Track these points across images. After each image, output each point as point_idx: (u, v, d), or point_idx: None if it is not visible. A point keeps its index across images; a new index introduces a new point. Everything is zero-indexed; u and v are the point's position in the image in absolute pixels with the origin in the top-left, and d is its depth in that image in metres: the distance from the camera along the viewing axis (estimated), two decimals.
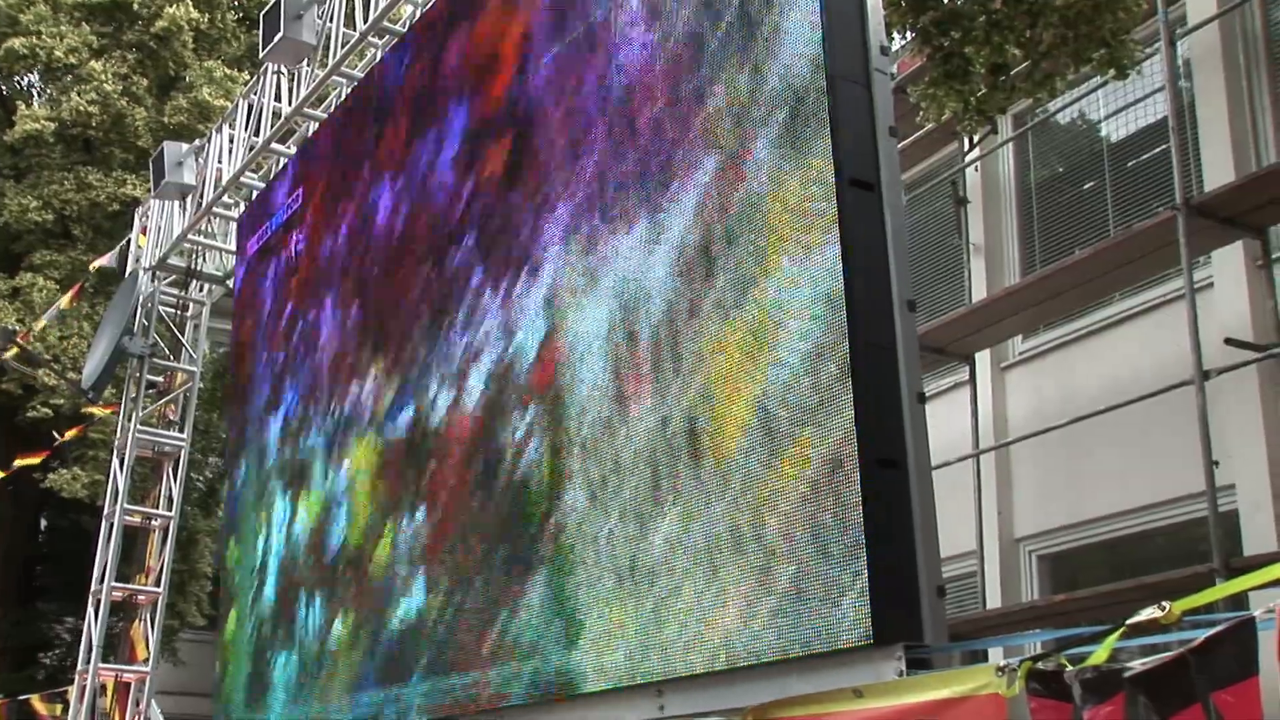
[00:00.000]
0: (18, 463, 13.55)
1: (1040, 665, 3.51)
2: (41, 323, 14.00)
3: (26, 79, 18.13)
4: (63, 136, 15.90)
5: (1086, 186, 10.08)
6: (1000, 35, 6.89)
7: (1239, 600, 4.15)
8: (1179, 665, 3.07)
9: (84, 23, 16.19)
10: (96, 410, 13.12)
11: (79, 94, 15.65)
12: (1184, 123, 8.37)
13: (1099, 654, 3.32)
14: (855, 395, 4.56)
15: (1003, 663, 3.63)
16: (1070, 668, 3.38)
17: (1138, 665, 3.20)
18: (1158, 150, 9.07)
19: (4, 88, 18.38)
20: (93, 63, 15.85)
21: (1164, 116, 8.56)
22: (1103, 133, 10.04)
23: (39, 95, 17.78)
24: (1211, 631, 3.06)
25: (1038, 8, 6.83)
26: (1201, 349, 7.52)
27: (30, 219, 15.56)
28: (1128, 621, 3.29)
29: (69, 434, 13.44)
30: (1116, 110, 9.65)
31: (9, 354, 13.75)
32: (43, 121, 15.66)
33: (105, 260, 13.46)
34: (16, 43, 15.69)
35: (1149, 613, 3.24)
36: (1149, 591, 7.03)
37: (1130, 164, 9.58)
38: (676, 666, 5.17)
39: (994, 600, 9.51)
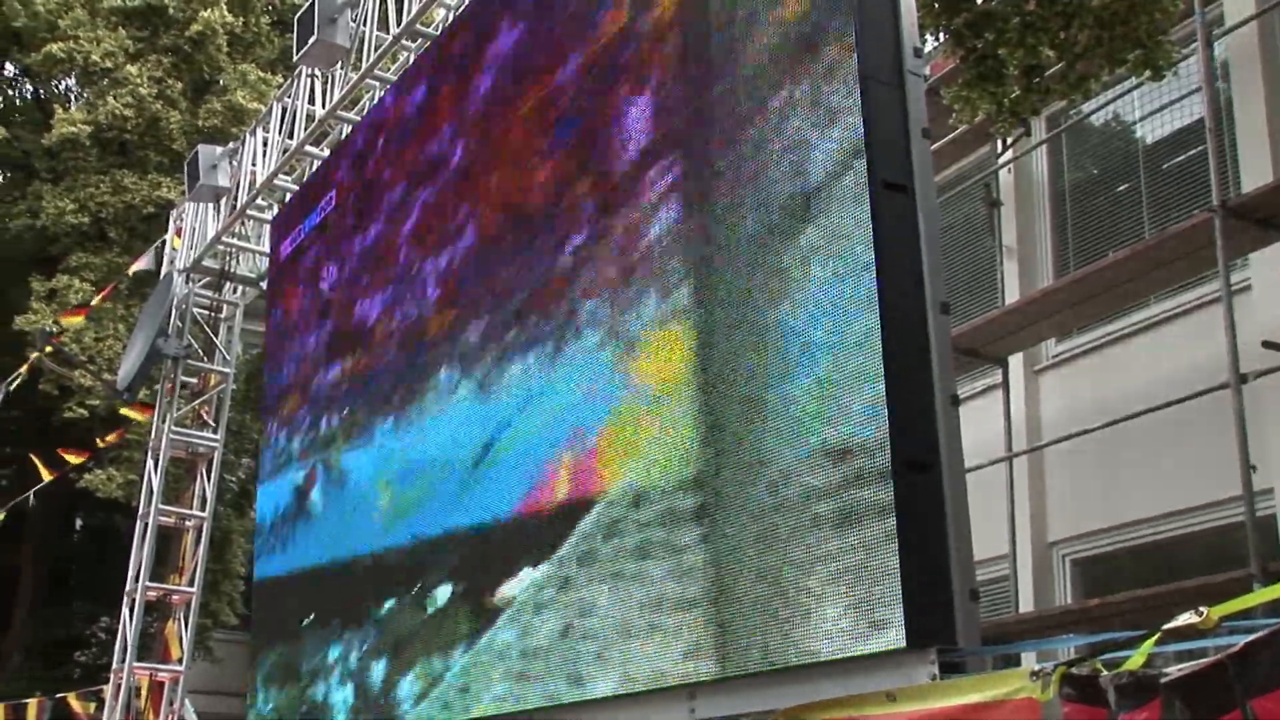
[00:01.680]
0: (70, 457, 13.66)
1: (1075, 670, 3.48)
2: (75, 320, 14.10)
3: (64, 83, 18.31)
4: (99, 140, 16.05)
5: (1121, 188, 10.01)
6: (1034, 37, 6.85)
7: (1278, 606, 4.11)
8: (1217, 671, 3.05)
9: (120, 27, 16.35)
10: (134, 414, 13.21)
11: (115, 97, 15.80)
12: (1221, 124, 8.30)
13: (1135, 659, 3.30)
14: (888, 398, 4.54)
15: (1037, 667, 3.61)
16: (1105, 672, 3.36)
17: (1174, 671, 3.18)
18: (1194, 152, 8.99)
19: (42, 91, 18.58)
20: (129, 66, 16.00)
21: (1200, 118, 8.49)
22: (1138, 134, 9.96)
23: (76, 99, 17.95)
24: (1251, 637, 3.03)
25: (1072, 9, 6.78)
26: (1239, 352, 7.45)
27: (67, 221, 15.71)
28: (1164, 626, 3.27)
29: (109, 438, 13.54)
30: (1152, 111, 9.58)
31: (46, 354, 13.88)
32: (79, 125, 15.81)
33: (141, 264, 13.57)
34: (55, 47, 15.87)
35: (1186, 618, 3.22)
36: (1185, 596, 6.97)
37: (1166, 166, 9.51)
38: (708, 669, 5.17)
39: (1027, 604, 9.45)
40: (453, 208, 7.82)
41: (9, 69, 18.70)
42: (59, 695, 13.45)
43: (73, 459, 13.75)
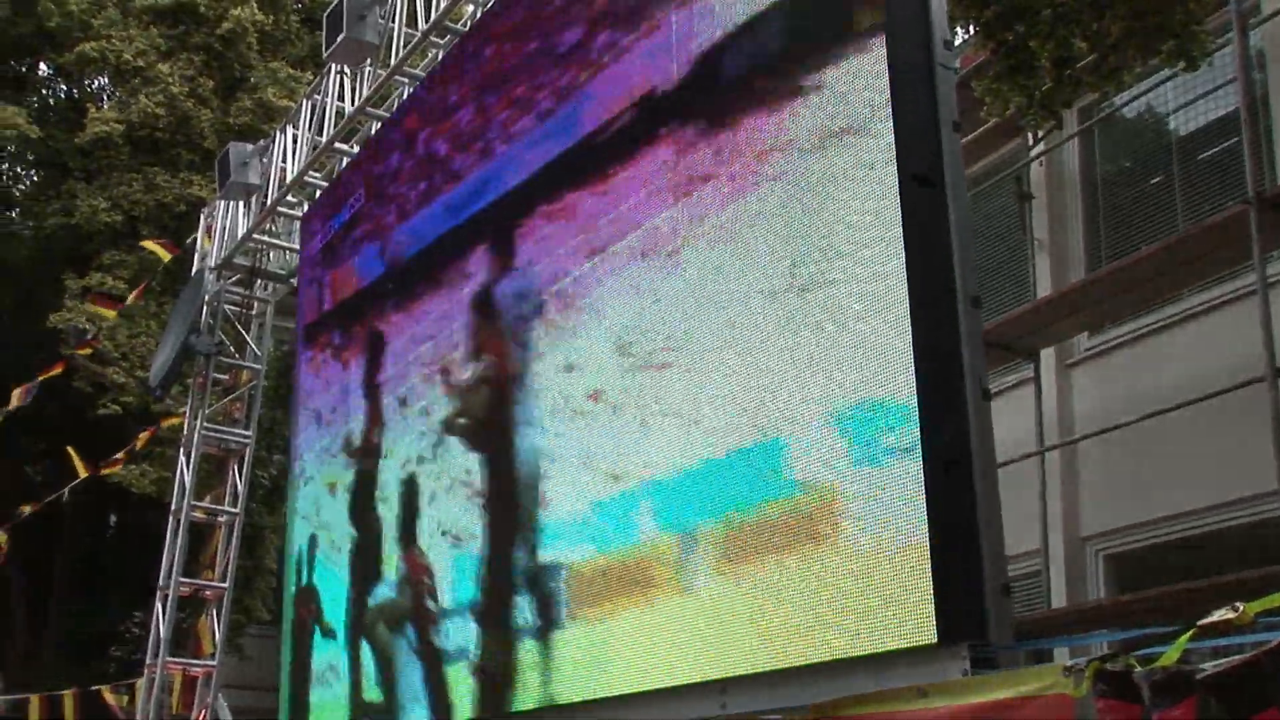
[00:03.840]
0: (108, 470, 13.79)
1: (1108, 666, 3.46)
2: (106, 312, 14.21)
3: (97, 82, 18.45)
4: (131, 138, 16.17)
5: (1154, 181, 9.92)
6: (1066, 28, 6.80)
7: None
8: (1253, 668, 3.02)
9: (152, 26, 16.47)
10: (171, 419, 13.32)
11: (147, 96, 15.91)
12: (1256, 115, 8.20)
13: (1169, 655, 3.27)
14: (919, 392, 4.53)
15: (1070, 663, 3.59)
16: (1139, 668, 3.33)
17: (1210, 667, 3.15)
18: (1228, 143, 8.90)
19: (76, 91, 18.73)
20: (160, 65, 16.11)
21: (1235, 109, 8.40)
22: (1171, 126, 9.87)
23: (109, 98, 18.08)
24: None
25: (1104, 0, 6.73)
26: (1274, 345, 7.38)
27: (100, 220, 15.84)
28: (1199, 622, 3.24)
29: (143, 437, 13.65)
30: (1186, 103, 9.48)
31: (79, 351, 14.00)
32: (112, 124, 15.93)
33: (157, 245, 13.64)
34: (88, 47, 16.00)
35: (1221, 614, 3.19)
36: (1220, 592, 6.89)
37: (1200, 157, 9.41)
38: (739, 664, 5.15)
39: (1059, 600, 9.39)
40: None
41: (43, 69, 18.87)
42: (93, 689, 13.57)
43: (109, 471, 13.87)
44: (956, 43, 8.05)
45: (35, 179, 18.84)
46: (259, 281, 13.01)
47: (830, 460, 4.88)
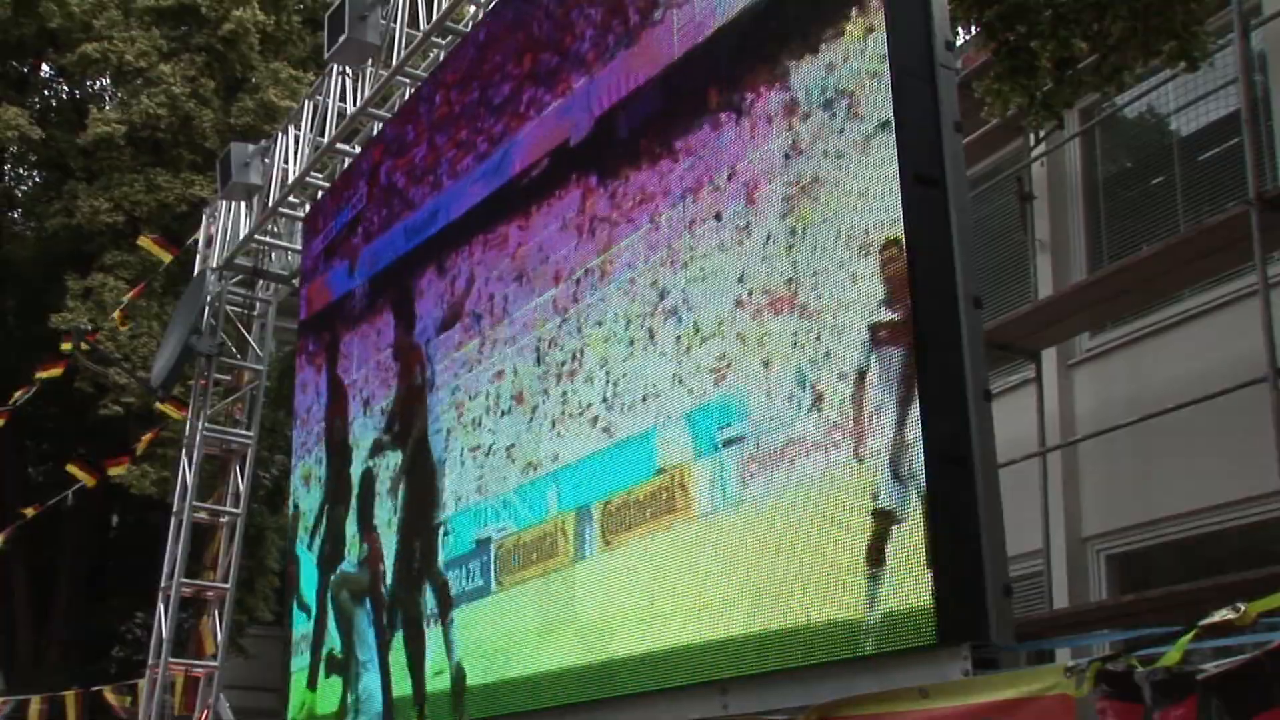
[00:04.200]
0: (112, 470, 13.81)
1: (1110, 666, 3.46)
2: (117, 315, 14.23)
3: (98, 83, 18.45)
4: (133, 139, 16.15)
5: (1155, 181, 9.92)
6: (1067, 29, 6.79)
7: None
8: (1254, 668, 3.02)
9: (154, 26, 16.45)
10: (171, 412, 13.31)
11: (148, 97, 15.90)
12: (1257, 116, 8.20)
13: (1171, 655, 3.27)
14: (921, 392, 4.53)
15: (1071, 663, 3.59)
16: (1141, 669, 3.33)
17: (1211, 668, 3.15)
18: (1229, 144, 8.90)
19: (77, 92, 18.73)
20: (162, 66, 16.09)
21: (1236, 109, 8.40)
22: (1172, 126, 9.86)
23: (110, 99, 18.08)
24: None
25: (1105, 0, 6.73)
26: (1275, 345, 7.38)
27: (102, 220, 15.82)
28: (1201, 623, 3.24)
29: (146, 438, 13.65)
30: (1187, 103, 9.48)
31: (82, 352, 14.00)
32: (114, 124, 15.91)
33: (153, 243, 13.67)
34: (89, 47, 15.98)
35: (1223, 614, 3.19)
36: (1222, 592, 6.90)
37: (1201, 158, 9.41)
38: (740, 664, 5.16)
39: (1061, 600, 9.39)
40: None
41: (45, 70, 18.86)
42: (95, 688, 13.58)
43: (114, 471, 13.88)
44: (958, 43, 8.06)
45: (37, 180, 18.83)
46: (260, 282, 13.02)
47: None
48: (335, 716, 8.85)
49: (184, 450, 12.54)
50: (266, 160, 11.68)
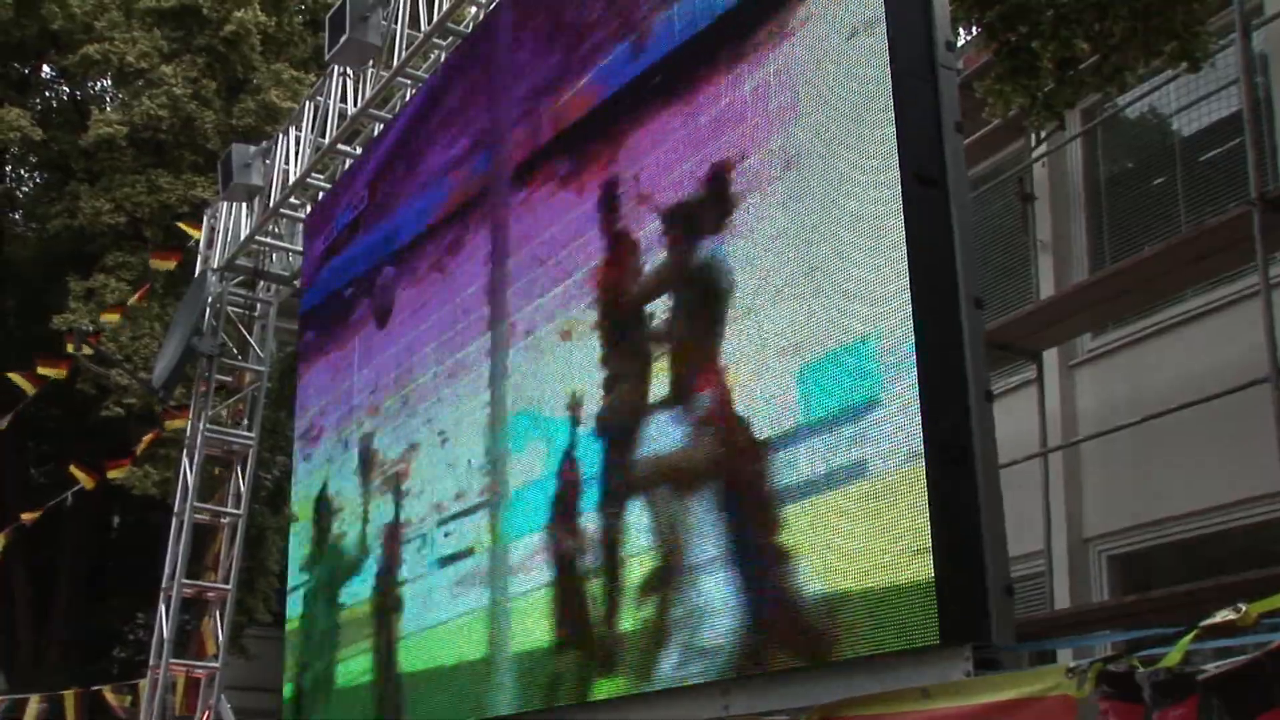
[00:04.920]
0: (113, 473, 13.81)
1: (1111, 667, 3.46)
2: (113, 317, 14.22)
3: (100, 84, 18.45)
4: (134, 140, 16.14)
5: (1157, 182, 9.91)
6: (1068, 29, 6.78)
7: None
8: (1255, 669, 3.02)
9: (155, 28, 16.44)
10: (176, 424, 13.32)
11: (150, 98, 15.89)
12: (1259, 116, 8.20)
13: (1172, 656, 3.27)
14: (922, 393, 4.53)
15: (1072, 664, 3.59)
16: (1142, 669, 3.33)
17: (1212, 668, 3.15)
18: (1231, 144, 8.89)
19: (79, 93, 18.73)
20: (163, 67, 16.09)
21: (1238, 110, 8.40)
22: (1174, 127, 9.86)
23: (112, 100, 18.08)
24: None
25: (1106, 0, 6.72)
26: (1277, 346, 7.37)
27: (103, 221, 15.81)
28: (1202, 623, 3.24)
29: (145, 439, 13.65)
30: (1188, 104, 9.47)
31: (83, 353, 13.99)
32: (115, 126, 15.91)
33: (163, 261, 13.69)
34: (91, 49, 15.97)
35: (1224, 615, 3.19)
36: (1223, 593, 6.90)
37: (1202, 158, 9.41)
38: (741, 665, 5.16)
39: (1062, 601, 9.39)
40: None
41: (46, 71, 18.86)
42: (95, 688, 13.57)
43: (114, 473, 13.87)
44: (959, 44, 8.06)
45: (38, 181, 18.84)
46: (261, 283, 13.02)
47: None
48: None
49: (185, 451, 12.54)
50: (267, 161, 11.68)
